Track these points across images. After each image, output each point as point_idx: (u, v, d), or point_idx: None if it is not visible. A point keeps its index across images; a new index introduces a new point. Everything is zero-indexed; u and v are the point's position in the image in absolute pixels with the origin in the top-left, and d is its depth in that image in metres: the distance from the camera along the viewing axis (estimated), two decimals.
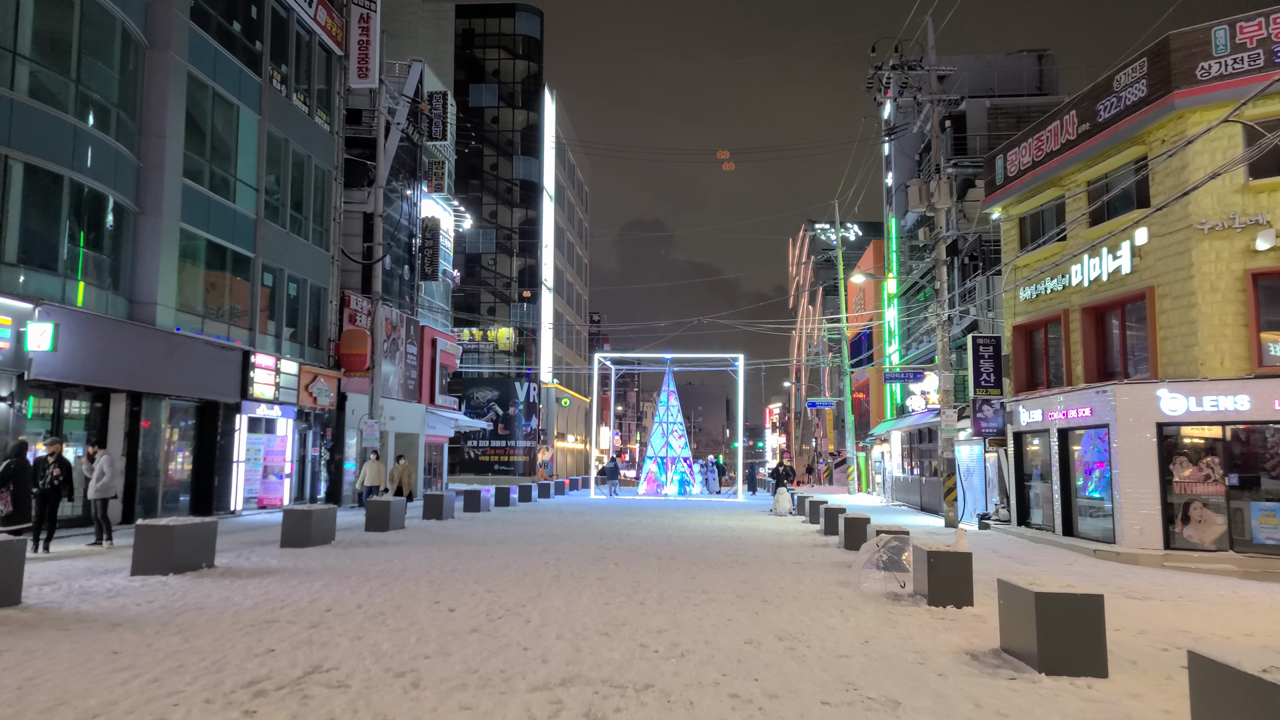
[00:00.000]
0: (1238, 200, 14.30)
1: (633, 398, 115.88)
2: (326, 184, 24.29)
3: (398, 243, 29.81)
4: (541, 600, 8.87)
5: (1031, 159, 18.97)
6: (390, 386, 28.37)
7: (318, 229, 23.80)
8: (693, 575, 11.04)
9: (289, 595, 8.84)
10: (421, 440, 31.16)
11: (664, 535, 16.95)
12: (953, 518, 21.06)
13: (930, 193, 21.61)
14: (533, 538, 15.84)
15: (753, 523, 21.11)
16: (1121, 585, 11.13)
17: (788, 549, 14.79)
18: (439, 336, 33.40)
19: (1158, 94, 15.05)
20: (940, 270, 21.86)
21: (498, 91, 56.92)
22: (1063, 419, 17.18)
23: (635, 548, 14.41)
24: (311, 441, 23.80)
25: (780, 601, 9.08)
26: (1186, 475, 14.40)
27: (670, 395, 36.44)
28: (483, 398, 53.79)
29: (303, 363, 22.41)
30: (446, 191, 33.67)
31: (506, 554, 13.05)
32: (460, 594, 9.15)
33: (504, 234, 56.49)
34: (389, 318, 28.02)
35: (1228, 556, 13.69)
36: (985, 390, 20.36)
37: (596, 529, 18.10)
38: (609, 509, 25.53)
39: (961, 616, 8.39)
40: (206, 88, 18.58)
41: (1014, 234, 20.27)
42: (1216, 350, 14.27)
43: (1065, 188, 18.07)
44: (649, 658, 6.41)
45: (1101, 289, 16.79)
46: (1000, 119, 31.38)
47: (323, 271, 23.99)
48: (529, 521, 19.94)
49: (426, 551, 13.11)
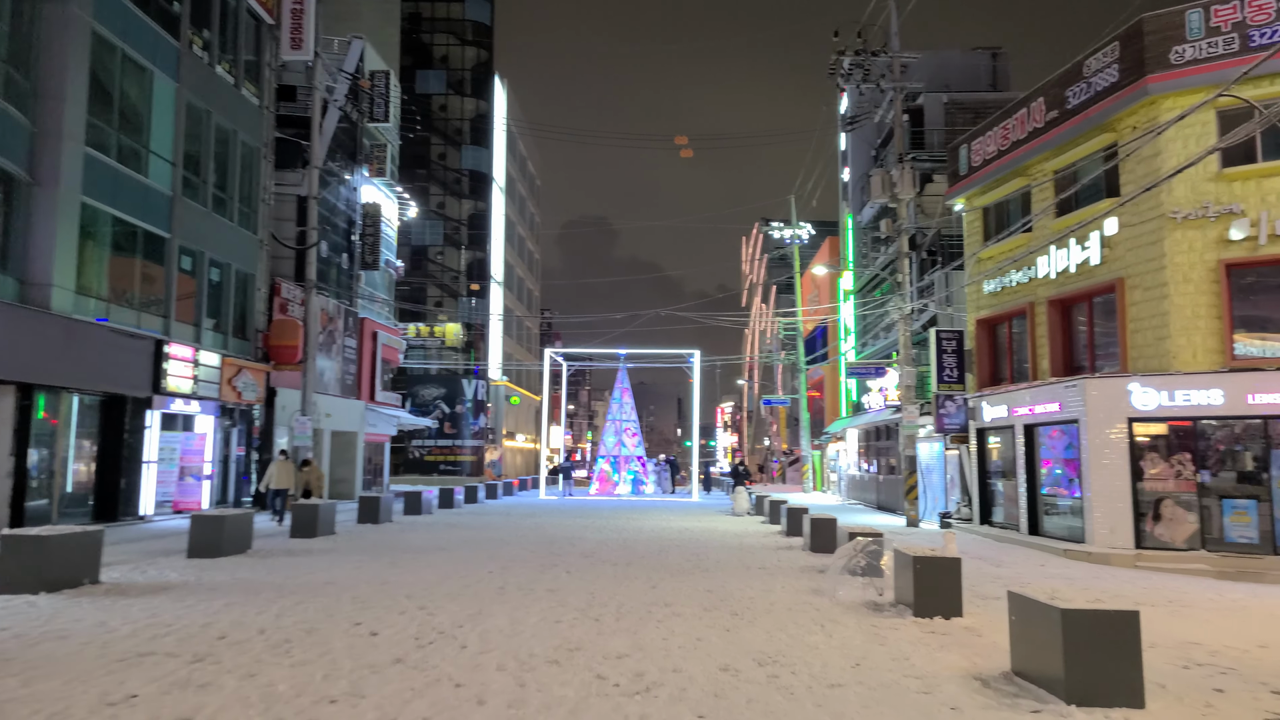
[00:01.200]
0: (1211, 189, 13.83)
1: (584, 396, 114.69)
2: (255, 162, 22.66)
3: (335, 229, 28.22)
4: (482, 619, 7.75)
5: (997, 148, 18.42)
6: (326, 381, 26.79)
7: (245, 210, 22.17)
8: (653, 584, 10.03)
9: (180, 618, 7.57)
10: (360, 439, 29.60)
11: (619, 539, 15.92)
12: (914, 516, 20.46)
13: (893, 183, 20.98)
14: (477, 543, 14.66)
15: (711, 523, 20.21)
16: (1106, 589, 10.45)
17: (751, 552, 13.88)
18: (380, 329, 31.83)
19: (1130, 79, 14.53)
20: (902, 262, 21.24)
21: (446, 78, 55.18)
22: (1029, 414, 16.63)
23: (589, 553, 13.35)
24: (236, 440, 22.17)
25: (753, 615, 8.12)
26: (1157, 472, 13.89)
27: (624, 392, 35.40)
28: (429, 395, 52.00)
29: (226, 354, 20.79)
30: (389, 177, 32.10)
31: (446, 563, 11.87)
32: (387, 613, 7.98)
33: (452, 226, 54.77)
34: (325, 308, 26.44)
35: (1200, 556, 13.19)
36: (948, 386, 19.78)
37: (547, 532, 16.98)
38: (560, 510, 24.40)
39: (953, 630, 7.53)
40: (115, 49, 16.93)
41: (977, 225, 19.73)
42: (1189, 343, 13.79)
43: (1032, 177, 17.53)
44: (609, 694, 5.37)
45: (1069, 281, 16.26)
46: (957, 114, 31.09)
47: (250, 256, 22.37)
48: (474, 525, 18.72)
49: (356, 561, 11.86)
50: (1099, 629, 5.08)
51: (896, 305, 21.47)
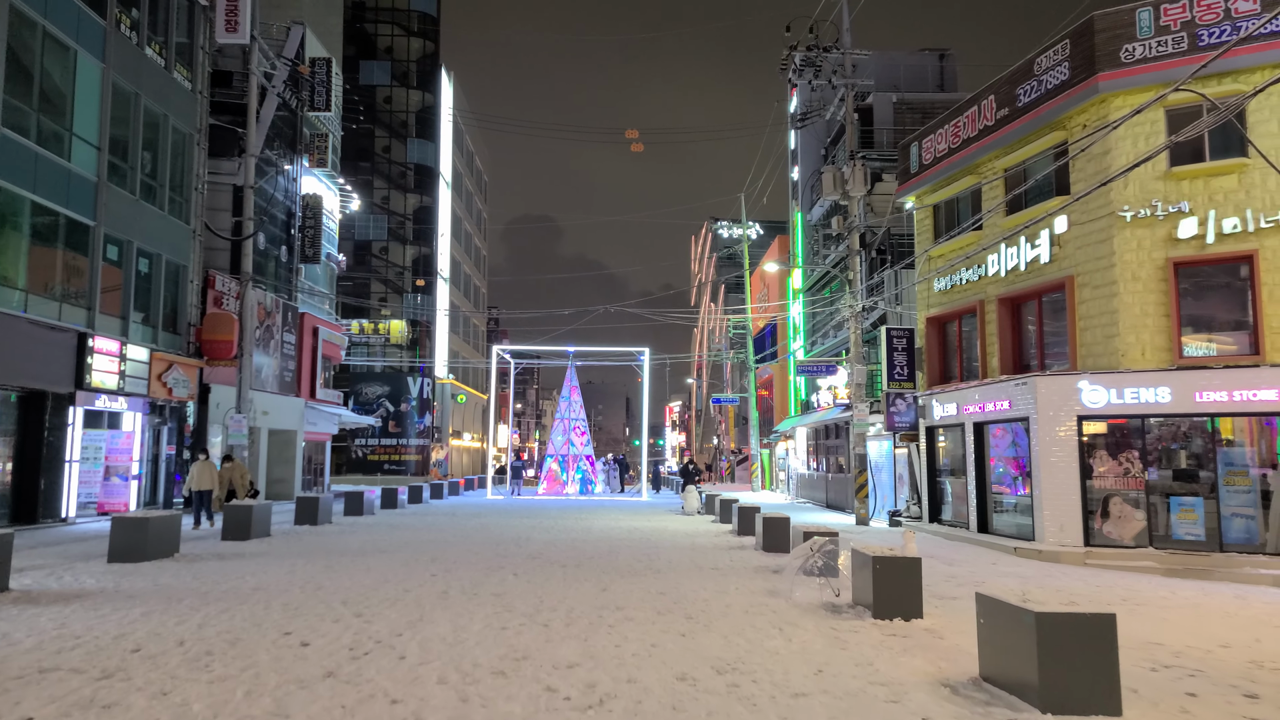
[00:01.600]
0: (1159, 187, 13.98)
1: (532, 395, 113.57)
2: (187, 148, 21.64)
3: (274, 220, 27.20)
4: (423, 626, 7.28)
5: (948, 146, 18.46)
6: (264, 378, 25.79)
7: (176, 199, 21.15)
8: (604, 587, 9.65)
9: (91, 629, 6.93)
10: (300, 438, 28.60)
11: (568, 539, 15.49)
12: (864, 514, 20.43)
13: (844, 179, 20.93)
14: (420, 545, 14.09)
15: (661, 523, 19.90)
16: (1059, 587, 10.39)
17: (703, 552, 13.59)
18: (321, 325, 30.82)
19: (1080, 76, 14.62)
20: (854, 260, 21.21)
21: (390, 69, 53.94)
22: (979, 412, 16.67)
23: (536, 554, 12.90)
24: (167, 438, 21.14)
25: (708, 619, 7.79)
26: (1106, 470, 13.99)
27: (573, 390, 34.92)
28: (372, 393, 50.77)
29: (155, 349, 19.78)
30: (331, 168, 31.09)
31: (387, 566, 11.31)
32: (320, 621, 7.45)
33: (396, 221, 53.57)
34: (262, 302, 25.45)
35: (1148, 553, 13.30)
36: (898, 384, 19.79)
37: (493, 533, 16.47)
38: (507, 510, 23.85)
39: (914, 632, 7.30)
40: (35, 25, 15.91)
41: (928, 223, 19.77)
42: (1138, 341, 13.91)
43: (982, 175, 17.60)
44: (559, 708, 4.97)
45: (1019, 279, 16.34)
46: (906, 114, 31.35)
47: (182, 247, 21.35)
48: (418, 526, 18.10)
49: (290, 565, 11.22)
50: (1074, 633, 4.86)
51: (847, 303, 21.44)
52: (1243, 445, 13.24)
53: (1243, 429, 13.22)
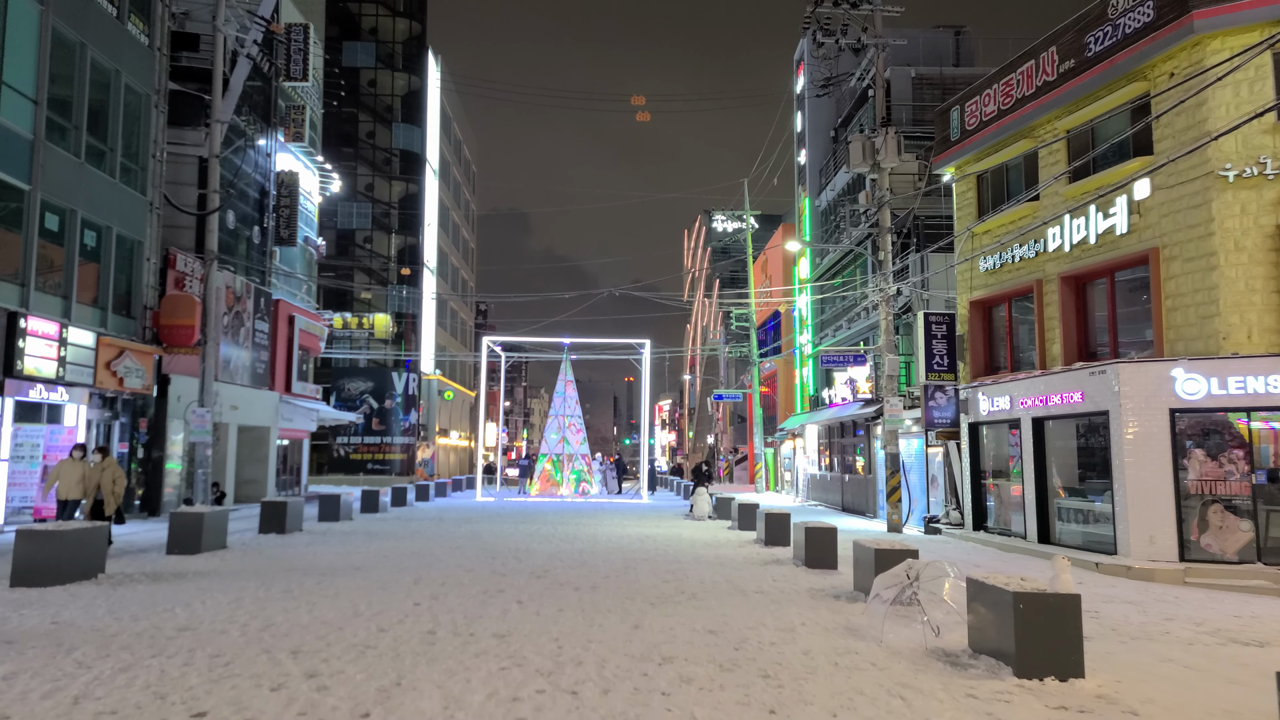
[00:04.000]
0: (1268, 142, 12.01)
1: (520, 394, 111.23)
2: (143, 111, 19.35)
3: (245, 199, 24.92)
4: (401, 696, 5.17)
5: (997, 107, 16.46)
6: (233, 369, 23.53)
7: (130, 166, 18.87)
8: (635, 623, 7.55)
9: None
10: (274, 435, 26.32)
11: (573, 550, 13.39)
12: (897, 520, 18.43)
13: (875, 149, 18.91)
14: (402, 559, 11.96)
15: (671, 529, 17.83)
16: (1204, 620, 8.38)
17: (735, 568, 11.52)
18: (298, 313, 28.54)
19: (1170, 16, 12.62)
20: (884, 238, 19.20)
21: (375, 51, 51.50)
22: (1040, 406, 14.69)
23: (541, 572, 10.79)
24: (119, 435, 18.87)
25: (793, 679, 5.71)
26: (1203, 472, 12.02)
27: (568, 385, 32.77)
28: (355, 389, 48.35)
29: (104, 333, 17.51)
30: (309, 144, 28.82)
31: (359, 589, 9.18)
32: (253, 687, 5.32)
33: (381, 209, 51.16)
34: (230, 285, 23.18)
35: (1256, 570, 11.34)
36: (938, 375, 17.80)
37: (486, 543, 14.34)
38: (499, 515, 21.71)
39: (1087, 701, 5.25)
40: None
41: (970, 196, 17.79)
42: (1242, 321, 11.94)
43: (1039, 138, 15.61)
44: None
45: (1087, 254, 14.35)
46: (925, 89, 29.43)
47: (136, 220, 19.07)
48: (400, 533, 15.96)
49: (239, 590, 9.07)
50: None
51: (877, 286, 19.43)
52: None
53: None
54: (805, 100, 35.96)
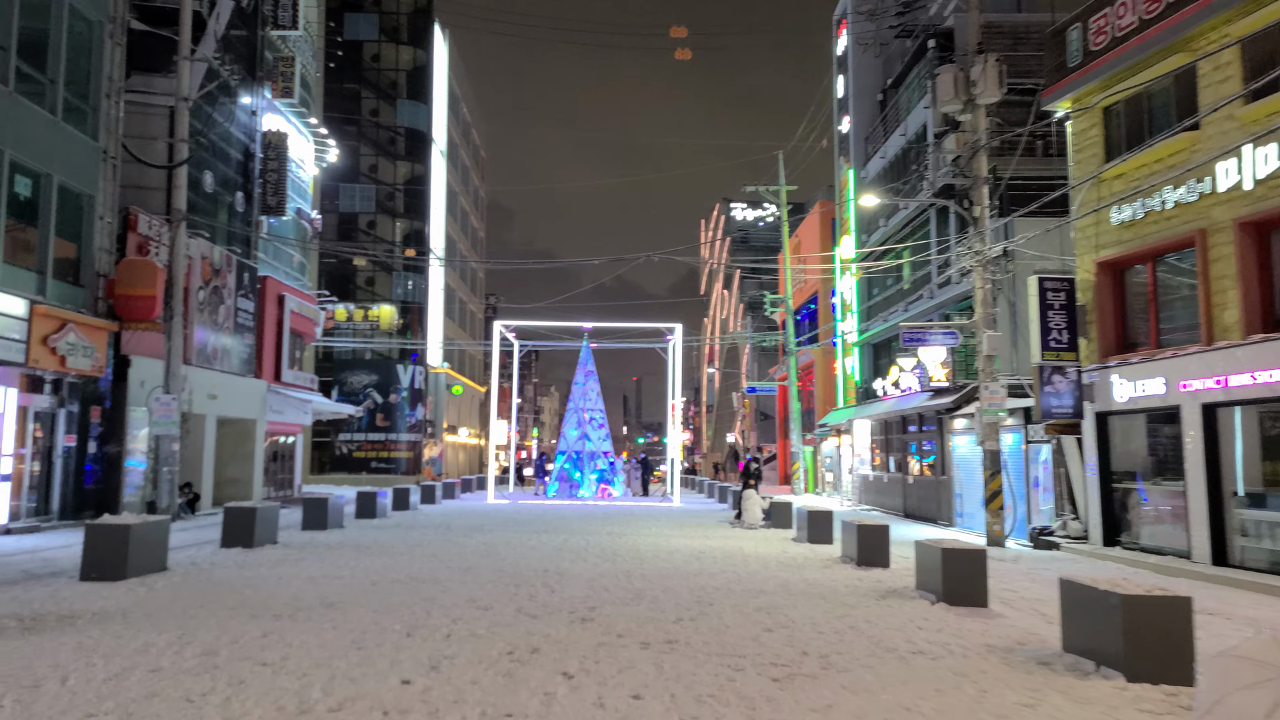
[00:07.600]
0: None
1: (530, 391, 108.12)
2: (95, 41, 16.30)
3: (225, 159, 21.85)
4: None
5: (1137, 17, 13.21)
6: (211, 353, 20.49)
7: (79, 104, 15.83)
8: None
9: None
10: (260, 429, 23.24)
11: (619, 573, 10.24)
12: (999, 532, 15.22)
13: (971, 81, 15.69)
14: (393, 590, 8.83)
15: (724, 541, 14.66)
16: None
17: (849, 605, 8.33)
18: (290, 293, 25.49)
19: None
20: (979, 191, 15.99)
21: (379, 23, 48.45)
22: (1216, 389, 11.46)
23: (585, 612, 7.64)
24: (65, 425, 15.82)
25: None
26: None
27: (588, 375, 29.65)
28: (359, 383, 45.28)
29: (40, 302, 14.43)
30: (300, 104, 25.76)
31: (321, 653, 6.04)
32: None
33: (385, 192, 48.12)
34: (207, 256, 20.12)
35: None
36: (1056, 354, 14.56)
37: (505, 562, 11.20)
38: (515, 521, 18.58)
39: None
40: None
41: (1095, 135, 14.54)
42: None
43: (1198, 51, 12.37)
44: None
45: (1274, 192, 11.11)
46: (994, 37, 26.10)
47: (85, 169, 16.00)
48: (398, 547, 12.83)
49: (139, 650, 5.94)
50: None
51: (971, 248, 16.22)
52: None
53: None
54: (849, 61, 32.72)
